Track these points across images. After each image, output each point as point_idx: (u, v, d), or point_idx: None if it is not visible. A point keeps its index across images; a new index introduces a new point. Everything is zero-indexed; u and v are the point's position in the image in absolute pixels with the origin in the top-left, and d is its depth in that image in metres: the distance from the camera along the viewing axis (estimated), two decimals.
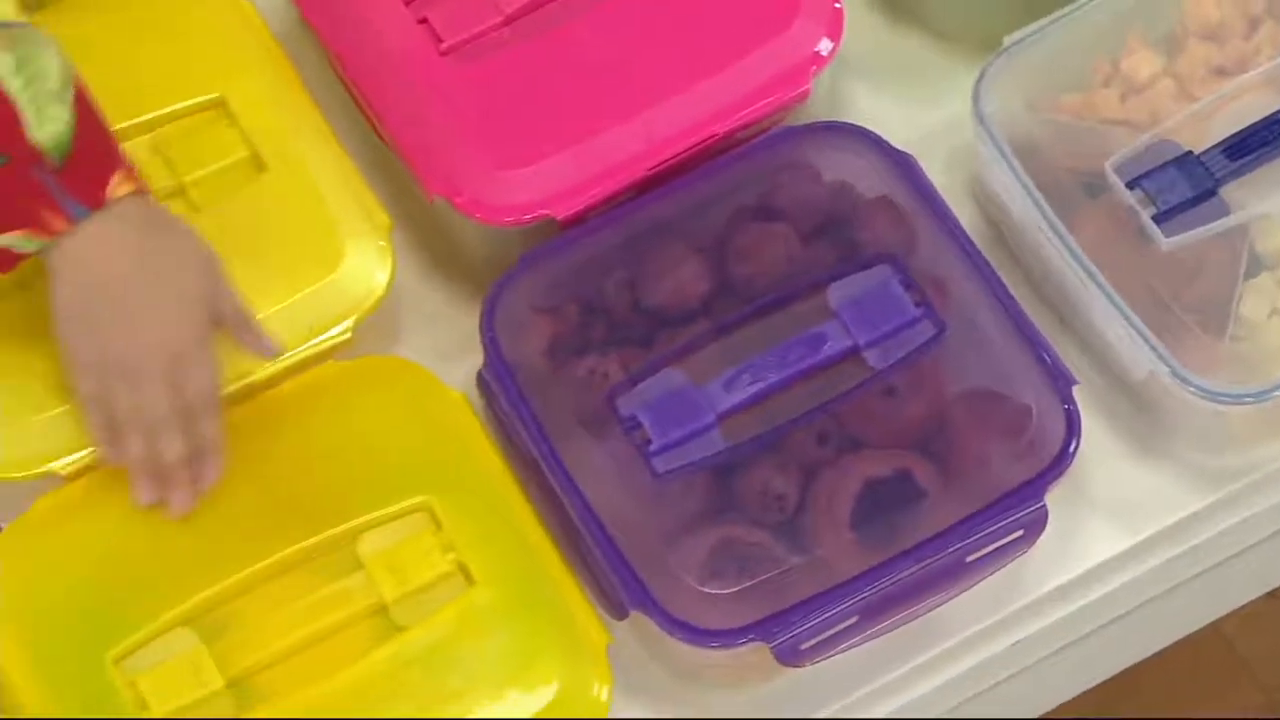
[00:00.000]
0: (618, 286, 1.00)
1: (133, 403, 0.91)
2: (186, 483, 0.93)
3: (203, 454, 0.93)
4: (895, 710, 1.00)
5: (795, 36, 1.05)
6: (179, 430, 0.92)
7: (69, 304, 0.91)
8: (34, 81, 0.88)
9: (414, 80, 1.02)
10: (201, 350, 0.92)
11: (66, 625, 0.92)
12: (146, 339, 0.90)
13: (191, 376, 0.92)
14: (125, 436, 0.92)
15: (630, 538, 0.95)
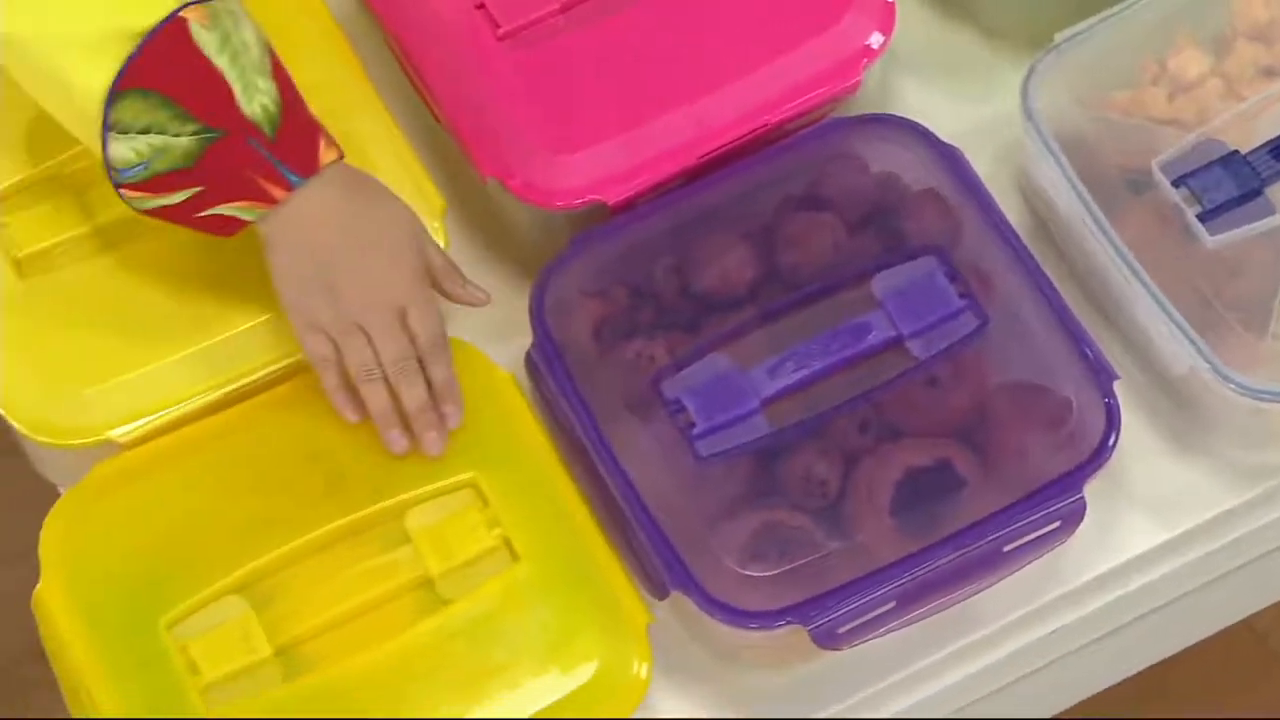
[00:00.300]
0: (666, 271, 1.02)
1: (368, 357, 0.94)
2: (435, 424, 0.96)
3: (442, 396, 0.96)
4: (930, 696, 1.02)
5: (847, 29, 1.06)
6: (417, 376, 0.95)
7: (290, 269, 0.94)
8: (238, 56, 0.91)
9: (471, 64, 1.04)
10: (426, 298, 0.96)
11: (121, 590, 0.94)
12: (372, 294, 0.94)
13: (419, 324, 0.95)
14: (365, 391, 0.95)
15: (672, 519, 0.96)
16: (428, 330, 0.96)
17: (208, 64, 0.90)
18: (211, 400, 0.99)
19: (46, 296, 0.99)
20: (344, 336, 0.95)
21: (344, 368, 0.96)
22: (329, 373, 0.96)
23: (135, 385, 0.97)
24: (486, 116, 1.03)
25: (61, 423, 0.97)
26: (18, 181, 1.01)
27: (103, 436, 0.97)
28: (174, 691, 0.92)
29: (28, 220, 1.00)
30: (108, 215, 1.01)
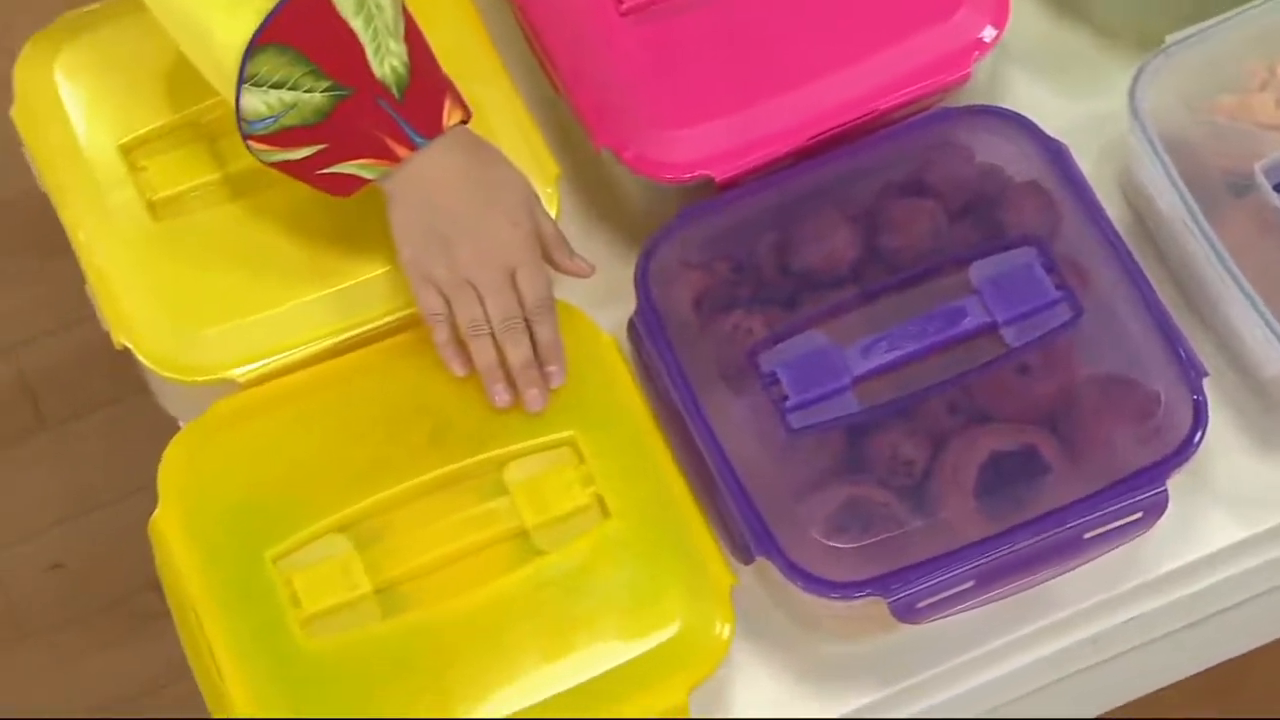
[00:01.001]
0: (768, 248, 1.05)
1: (478, 314, 0.99)
2: (537, 382, 1.00)
3: (546, 356, 1.00)
4: (1004, 675, 1.04)
5: (961, 22, 1.09)
6: (523, 335, 0.99)
7: (410, 225, 0.99)
8: (373, 18, 0.95)
9: (593, 37, 1.07)
10: (536, 261, 1.00)
11: (231, 521, 0.99)
12: (486, 254, 0.98)
13: (528, 285, 0.99)
14: (473, 346, 0.99)
15: (761, 488, 0.99)
16: (536, 291, 1.00)
17: (343, 24, 0.94)
18: (328, 346, 1.03)
19: (178, 239, 1.04)
20: (456, 293, 0.99)
21: (454, 323, 1.00)
22: (440, 327, 1.00)
23: (257, 327, 1.02)
24: (604, 89, 1.06)
25: (186, 360, 1.02)
26: (157, 127, 1.06)
27: (223, 375, 1.02)
28: (276, 621, 0.97)
29: (164, 165, 1.05)
30: (239, 164, 1.05)
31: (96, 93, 1.06)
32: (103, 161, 1.04)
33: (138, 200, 1.04)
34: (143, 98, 1.06)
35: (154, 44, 1.05)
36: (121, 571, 1.56)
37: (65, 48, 1.06)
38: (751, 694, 1.01)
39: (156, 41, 1.03)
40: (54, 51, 1.06)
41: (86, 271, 1.04)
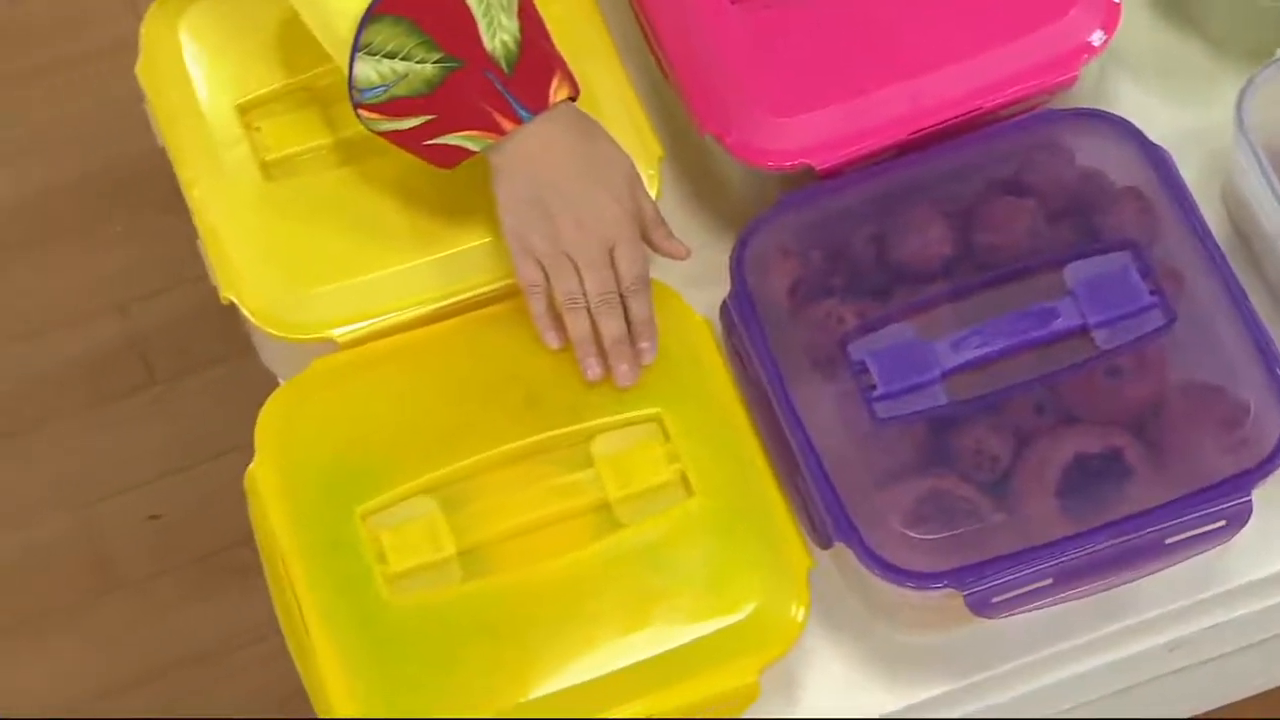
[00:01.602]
0: (864, 239, 1.06)
1: (574, 287, 1.01)
2: (628, 358, 1.02)
3: (639, 333, 1.02)
4: (1077, 675, 1.04)
5: (1070, 24, 1.09)
6: (617, 310, 1.01)
7: (515, 198, 1.01)
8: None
9: (703, 22, 1.09)
10: (635, 239, 1.02)
11: (324, 477, 1.01)
12: (586, 228, 1.00)
13: (626, 262, 1.01)
14: (569, 318, 1.02)
15: (844, 475, 1.00)
16: (633, 268, 1.02)
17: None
18: (428, 311, 1.05)
19: (288, 199, 1.06)
20: (555, 265, 1.01)
21: (551, 295, 1.02)
22: (537, 298, 1.02)
23: (359, 289, 1.04)
24: (710, 74, 1.08)
25: (289, 317, 1.04)
26: (274, 89, 1.09)
27: (324, 334, 1.04)
28: (362, 576, 0.99)
29: (278, 127, 1.08)
30: (351, 130, 1.08)
31: (217, 53, 1.09)
32: (220, 120, 1.07)
33: (251, 160, 1.07)
34: (261, 60, 1.09)
35: (275, 8, 1.08)
36: (217, 526, 1.60)
37: (191, 8, 1.10)
38: (822, 678, 1.02)
39: (278, 5, 1.07)
40: (180, 11, 1.10)
41: (199, 227, 1.07)
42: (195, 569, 1.60)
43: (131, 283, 1.69)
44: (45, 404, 1.65)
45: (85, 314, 1.68)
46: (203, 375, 1.66)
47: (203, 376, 1.66)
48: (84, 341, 1.67)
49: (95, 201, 1.72)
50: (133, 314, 1.68)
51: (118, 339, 1.68)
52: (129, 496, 1.62)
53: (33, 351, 1.67)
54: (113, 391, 1.66)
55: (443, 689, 0.97)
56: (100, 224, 1.71)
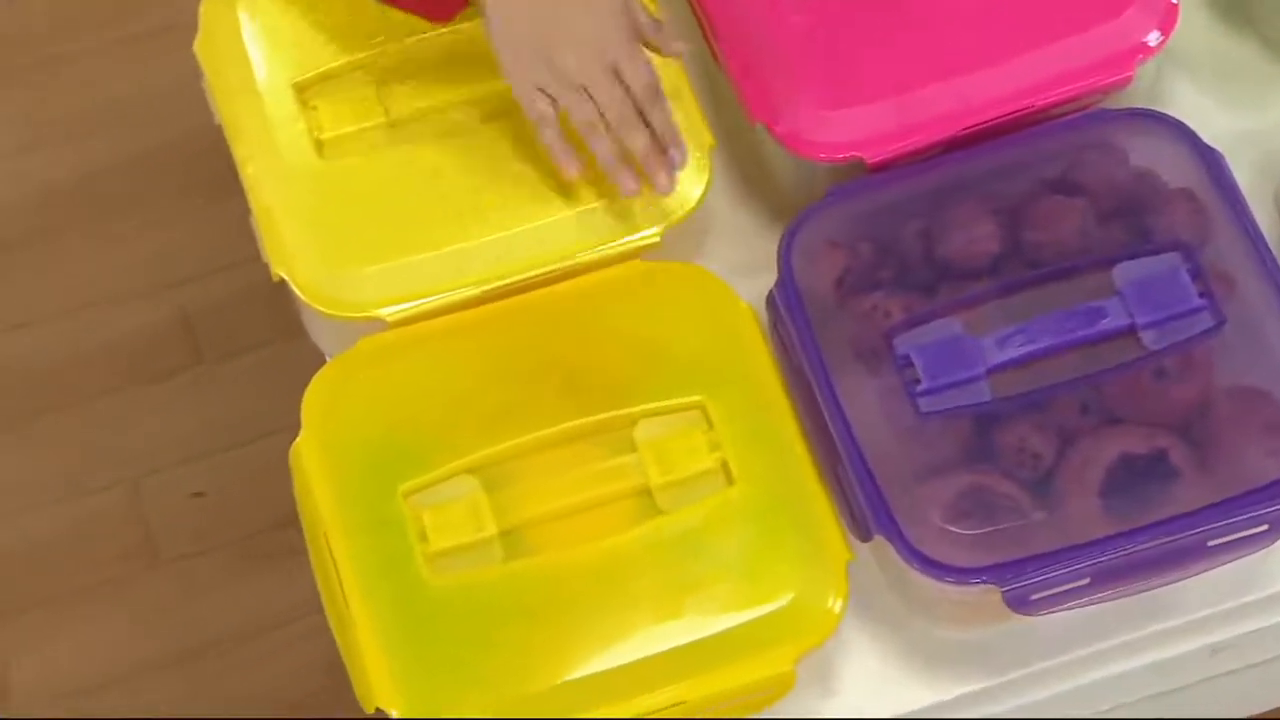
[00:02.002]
0: (914, 233, 1.06)
1: (590, 111, 1.00)
2: (664, 165, 1.02)
3: (665, 139, 1.02)
4: (1114, 676, 1.04)
5: (1127, 24, 1.09)
6: (639, 123, 1.01)
7: (507, 34, 1.00)
8: None
9: (757, 12, 1.09)
10: (635, 52, 1.01)
11: (368, 454, 1.02)
12: (586, 53, 1.00)
13: (633, 76, 1.01)
14: (592, 143, 1.01)
15: (885, 468, 1.00)
16: (641, 79, 1.01)
17: None
18: (476, 294, 1.05)
19: (341, 178, 1.07)
20: (565, 95, 1.00)
21: (561, 125, 1.02)
22: (548, 129, 1.02)
23: (409, 270, 1.05)
24: (763, 64, 1.08)
25: (338, 295, 1.05)
26: (330, 69, 1.09)
27: (373, 313, 1.05)
28: (403, 554, 1.00)
29: (334, 106, 1.09)
30: (404, 111, 1.09)
31: (275, 31, 1.10)
32: (276, 99, 1.08)
33: (306, 138, 1.08)
34: (319, 39, 1.09)
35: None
36: (261, 506, 1.61)
37: None
38: (858, 670, 1.03)
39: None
40: None
41: (252, 205, 1.08)
42: (237, 548, 1.61)
43: (184, 262, 1.70)
44: (95, 380, 1.67)
45: (137, 292, 1.69)
46: (250, 356, 1.67)
47: (250, 358, 1.67)
48: (134, 319, 1.69)
49: (152, 179, 1.73)
50: (184, 293, 1.70)
51: (168, 317, 1.69)
52: (173, 474, 1.64)
53: (84, 327, 1.68)
54: (161, 370, 1.67)
55: (480, 668, 0.97)
56: (156, 202, 1.73)
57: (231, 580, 1.61)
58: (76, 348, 1.68)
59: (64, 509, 1.63)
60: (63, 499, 1.63)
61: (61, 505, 1.63)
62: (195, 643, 1.58)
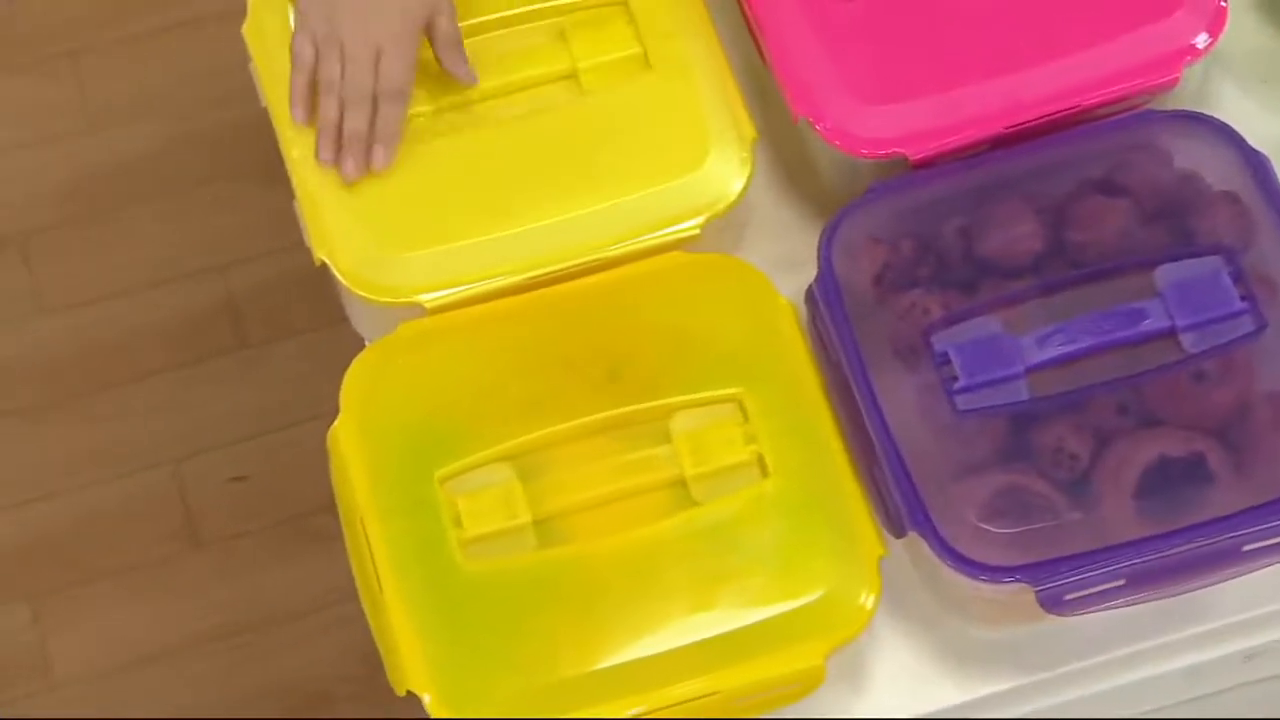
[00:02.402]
0: (954, 231, 1.06)
1: (335, 74, 1.07)
2: (359, 155, 1.07)
3: (379, 136, 1.07)
4: (1147, 679, 1.03)
5: (1174, 25, 1.08)
6: (365, 109, 1.06)
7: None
8: None
9: (803, 8, 1.09)
10: (404, 51, 1.06)
11: (404, 438, 1.03)
12: (360, 27, 1.05)
13: (387, 70, 1.06)
14: (321, 100, 1.07)
15: (921, 465, 1.00)
16: (391, 78, 1.06)
17: None
18: (516, 281, 1.06)
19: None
20: (325, 48, 1.07)
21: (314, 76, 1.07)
22: (301, 74, 1.08)
23: (450, 256, 1.05)
24: (807, 59, 1.08)
25: (378, 280, 1.05)
26: None
27: (413, 298, 1.05)
28: (438, 539, 1.00)
29: None
30: (449, 100, 1.09)
31: None
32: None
33: None
34: None
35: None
36: (300, 490, 1.62)
37: None
38: (889, 666, 1.02)
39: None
40: None
41: (295, 188, 1.08)
42: (277, 532, 1.62)
43: (230, 246, 1.72)
44: (140, 361, 1.68)
45: (183, 274, 1.71)
46: (292, 342, 1.69)
47: (292, 343, 1.69)
48: (180, 301, 1.70)
49: (201, 164, 1.74)
50: (229, 277, 1.71)
51: (213, 300, 1.70)
52: (214, 456, 1.65)
53: (130, 308, 1.70)
54: (205, 352, 1.69)
55: (512, 654, 0.98)
56: (204, 186, 1.74)
57: (270, 563, 1.62)
58: (124, 327, 1.69)
59: (107, 489, 1.64)
60: (107, 478, 1.65)
61: (105, 485, 1.64)
62: (233, 624, 1.59)
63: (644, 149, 1.07)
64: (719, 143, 1.07)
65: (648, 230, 1.06)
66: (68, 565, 1.62)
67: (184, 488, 1.64)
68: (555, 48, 1.10)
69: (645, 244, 1.07)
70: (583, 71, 1.10)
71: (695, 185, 1.07)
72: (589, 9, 1.11)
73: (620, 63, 1.10)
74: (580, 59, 1.10)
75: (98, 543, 1.62)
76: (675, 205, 1.07)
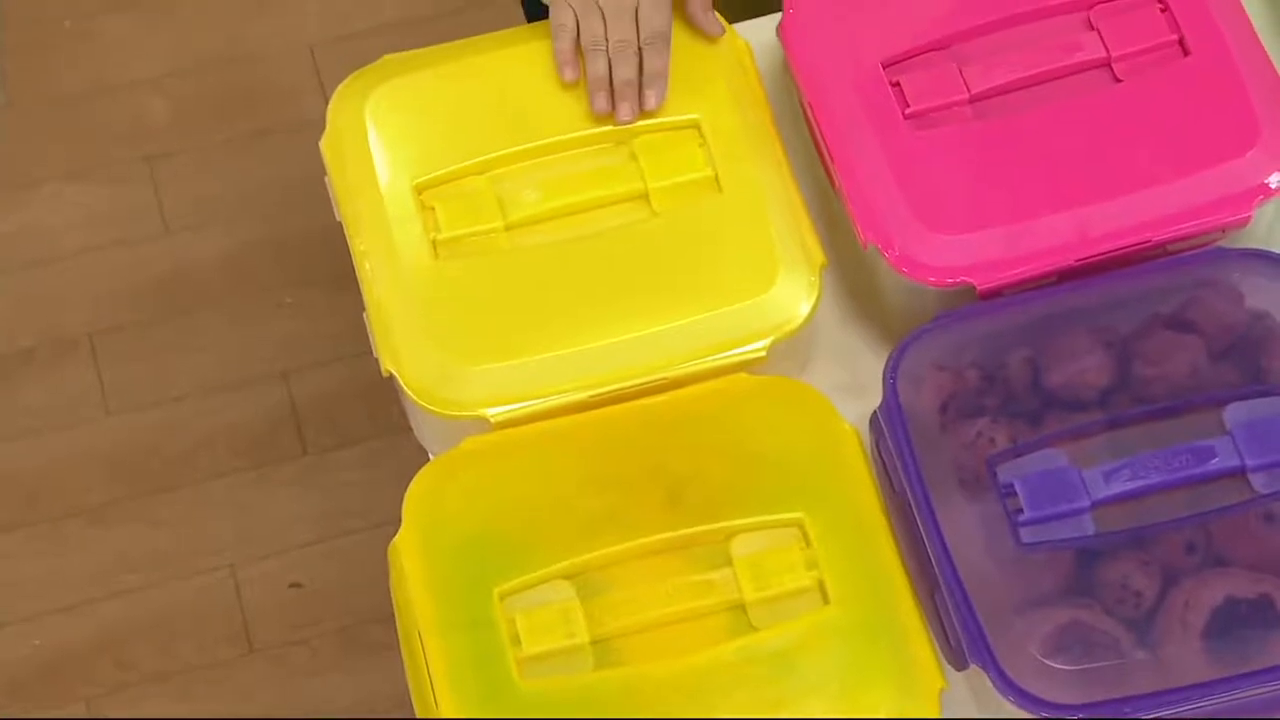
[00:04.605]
0: (1020, 362, 1.05)
1: (599, 32, 1.13)
2: (631, 99, 1.13)
3: (649, 81, 1.13)
4: None
5: (1249, 164, 1.08)
6: (632, 58, 1.13)
7: None
8: None
9: (874, 136, 1.10)
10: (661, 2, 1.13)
11: (466, 554, 1.03)
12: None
13: (646, 18, 1.13)
14: (588, 59, 1.13)
15: (984, 597, 0.99)
16: (651, 24, 1.12)
17: None
18: (580, 399, 1.06)
19: (454, 279, 1.09)
20: (584, 11, 1.13)
21: (576, 39, 1.13)
22: (563, 39, 1.13)
23: (514, 372, 1.06)
24: (878, 186, 1.09)
25: (445, 394, 1.06)
26: (450, 171, 1.11)
27: (478, 413, 1.06)
28: (496, 656, 1.00)
29: (452, 208, 1.10)
30: (518, 215, 1.10)
31: (399, 133, 1.12)
32: (396, 198, 1.10)
33: (423, 238, 1.09)
34: (440, 142, 1.11)
35: (459, 91, 1.12)
36: (357, 600, 1.62)
37: (377, 89, 1.13)
38: None
39: (462, 89, 1.11)
40: (369, 89, 1.13)
41: (366, 300, 1.09)
42: (330, 641, 1.62)
43: (298, 353, 1.73)
44: (202, 464, 1.69)
45: (248, 379, 1.72)
46: (353, 450, 1.69)
47: (352, 451, 1.69)
48: (245, 406, 1.71)
49: (271, 270, 1.77)
50: (293, 383, 1.72)
51: (277, 406, 1.72)
52: (273, 563, 1.65)
53: (195, 412, 1.71)
54: (267, 458, 1.70)
55: None
56: (272, 292, 1.76)
57: (324, 672, 1.61)
58: (190, 431, 1.71)
59: (165, 590, 1.65)
60: (166, 580, 1.65)
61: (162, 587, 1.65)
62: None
63: (712, 270, 1.08)
64: (787, 266, 1.08)
65: (714, 351, 1.07)
66: (124, 666, 1.62)
67: (241, 592, 1.64)
68: (627, 168, 1.12)
69: (711, 365, 1.07)
70: (654, 192, 1.11)
71: (762, 308, 1.07)
72: (662, 131, 1.12)
73: (691, 184, 1.11)
74: (652, 179, 1.11)
75: (154, 644, 1.62)
76: (742, 327, 1.07)
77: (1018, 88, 1.11)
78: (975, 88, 1.10)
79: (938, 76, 1.11)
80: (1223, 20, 1.11)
